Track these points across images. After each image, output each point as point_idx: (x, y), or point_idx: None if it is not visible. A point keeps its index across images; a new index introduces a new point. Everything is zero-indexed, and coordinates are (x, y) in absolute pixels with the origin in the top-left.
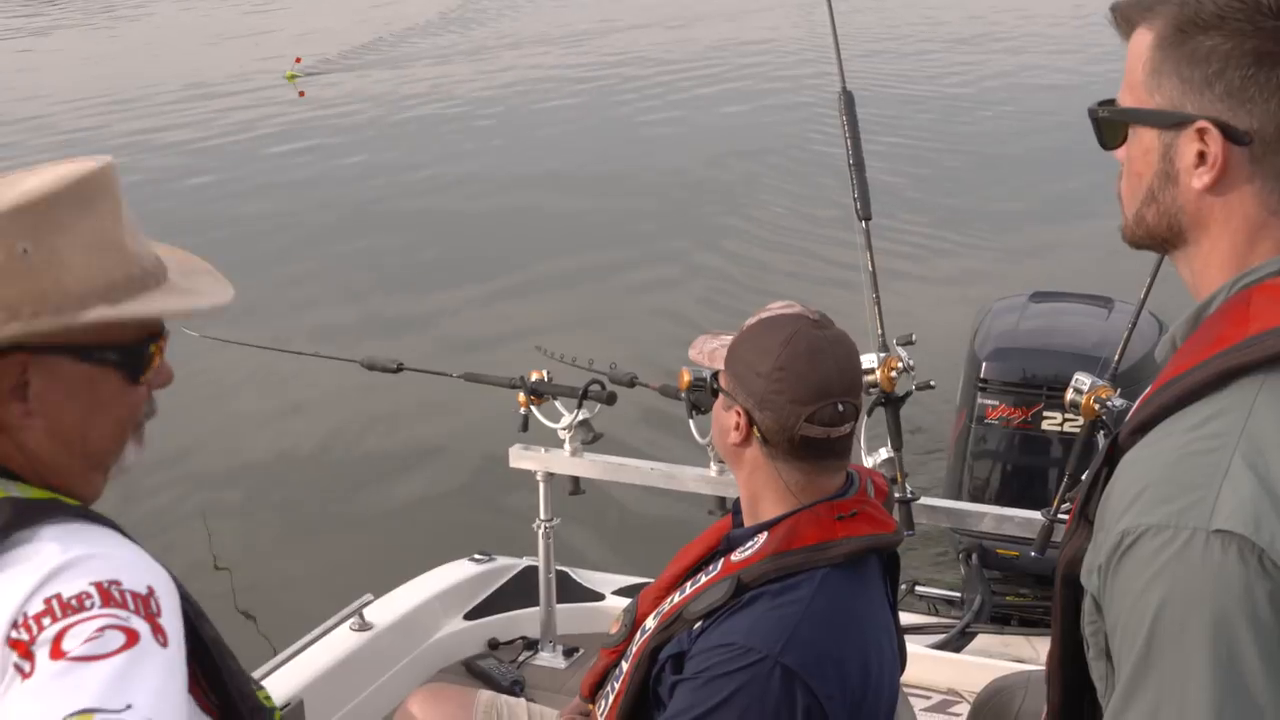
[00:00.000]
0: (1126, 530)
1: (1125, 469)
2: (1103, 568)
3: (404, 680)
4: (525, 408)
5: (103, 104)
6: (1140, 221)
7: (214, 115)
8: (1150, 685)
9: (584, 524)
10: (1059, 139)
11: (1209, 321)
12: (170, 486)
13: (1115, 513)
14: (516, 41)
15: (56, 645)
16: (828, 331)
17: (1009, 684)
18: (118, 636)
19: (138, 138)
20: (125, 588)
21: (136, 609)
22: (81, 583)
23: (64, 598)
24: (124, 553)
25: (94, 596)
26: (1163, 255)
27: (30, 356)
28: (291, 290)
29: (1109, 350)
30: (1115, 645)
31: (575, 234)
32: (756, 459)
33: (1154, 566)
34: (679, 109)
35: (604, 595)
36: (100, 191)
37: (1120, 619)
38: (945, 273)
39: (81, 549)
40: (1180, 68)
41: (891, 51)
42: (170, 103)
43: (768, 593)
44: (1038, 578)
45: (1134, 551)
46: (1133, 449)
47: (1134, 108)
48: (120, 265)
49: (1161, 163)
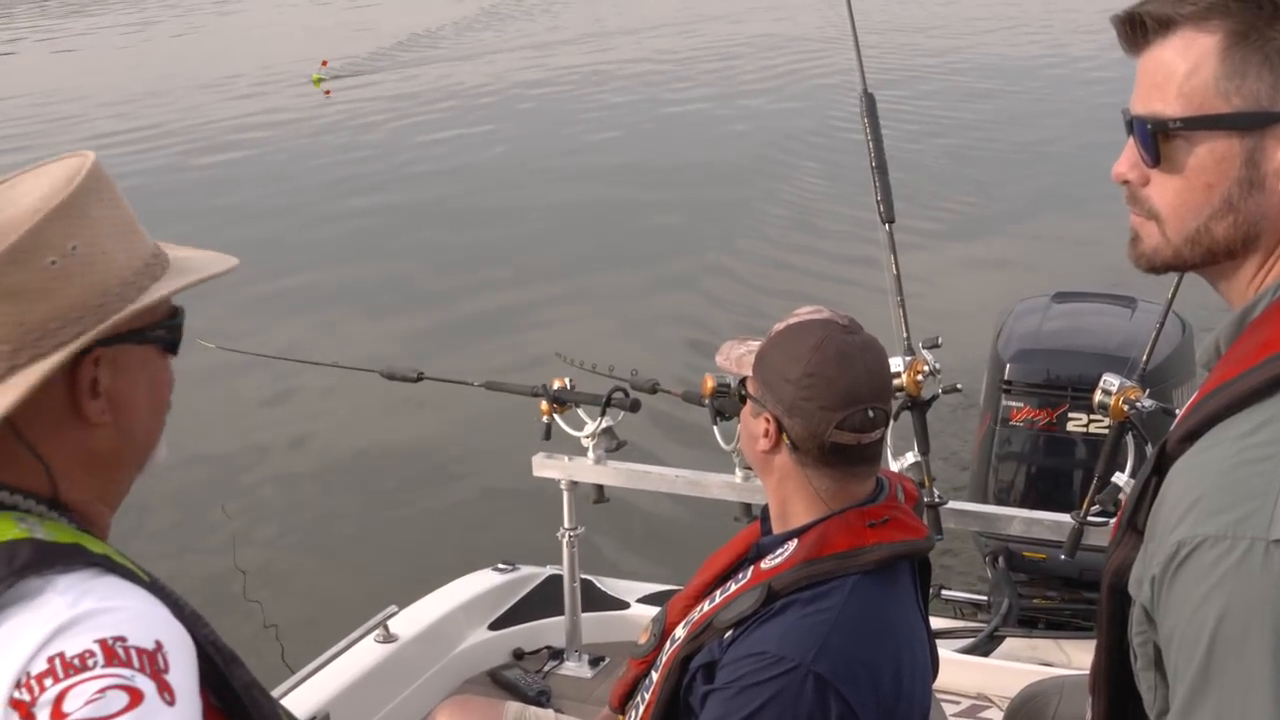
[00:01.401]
0: (1182, 541)
1: (1176, 478)
2: (1156, 579)
3: (430, 692)
4: (548, 416)
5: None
6: (1204, 236)
7: (237, 118)
8: (1211, 699)
9: (607, 532)
10: (1081, 137)
11: (1255, 325)
12: (191, 500)
13: (1168, 523)
14: (537, 43)
15: (57, 707)
16: (857, 336)
17: (1043, 689)
18: (120, 697)
19: (150, 139)
20: (130, 644)
21: (142, 666)
22: (85, 640)
23: (67, 656)
24: (134, 605)
25: (97, 655)
26: (1186, 271)
27: (103, 350)
28: (308, 300)
29: (1133, 350)
30: (1171, 658)
31: (590, 238)
32: (786, 466)
33: (1212, 578)
34: (704, 109)
35: (629, 603)
36: (105, 181)
37: (1177, 631)
38: (966, 274)
39: (91, 603)
40: (1262, 67)
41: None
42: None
43: (799, 600)
44: (1065, 580)
45: (1191, 562)
46: (1183, 457)
47: (1215, 114)
48: (145, 246)
49: (1244, 169)
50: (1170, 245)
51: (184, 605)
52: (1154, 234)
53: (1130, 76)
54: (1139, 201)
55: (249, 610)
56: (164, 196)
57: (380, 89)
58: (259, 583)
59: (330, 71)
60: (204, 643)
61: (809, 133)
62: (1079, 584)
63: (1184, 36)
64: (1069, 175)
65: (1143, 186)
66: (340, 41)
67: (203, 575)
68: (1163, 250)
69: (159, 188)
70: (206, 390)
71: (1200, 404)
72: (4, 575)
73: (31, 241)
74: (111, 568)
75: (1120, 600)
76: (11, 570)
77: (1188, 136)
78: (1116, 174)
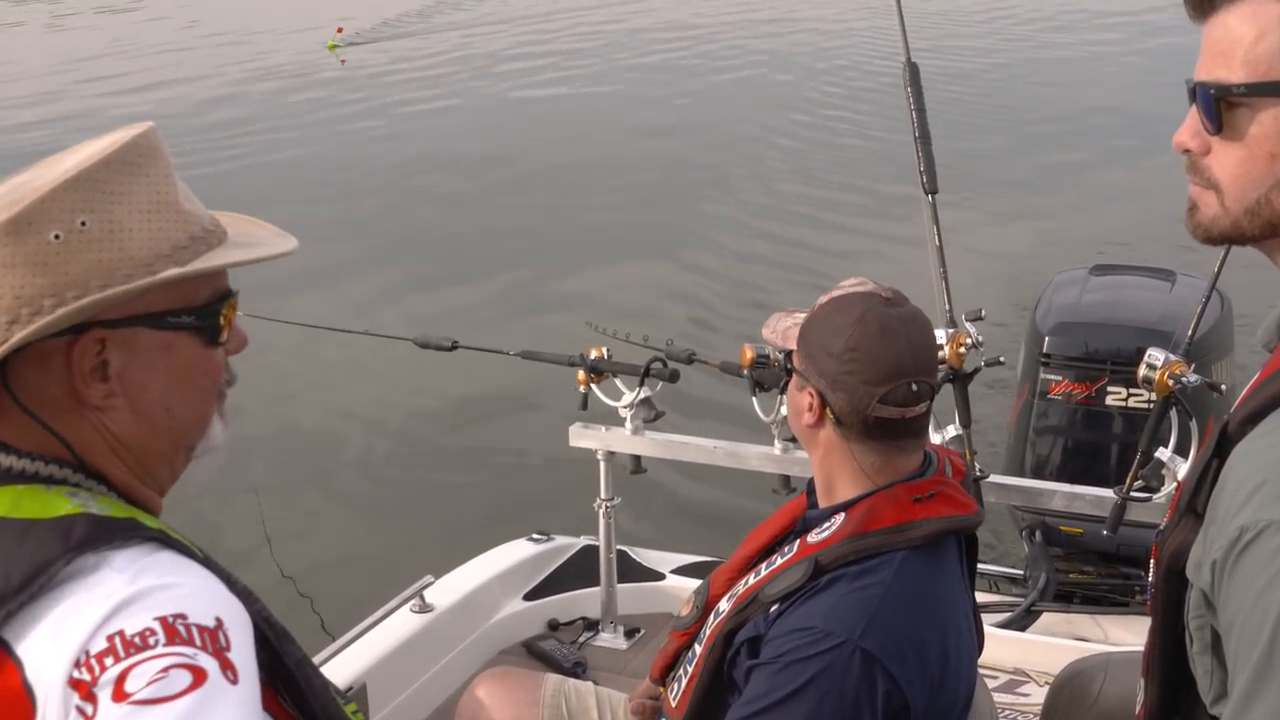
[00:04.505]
0: (1245, 526)
1: (1239, 461)
2: (1218, 563)
3: (465, 662)
4: (585, 386)
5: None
6: (1264, 208)
7: (252, 86)
8: (1275, 686)
9: (641, 503)
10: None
11: None
12: (225, 471)
13: (1231, 507)
14: (561, 9)
15: (119, 687)
16: (901, 309)
17: (1087, 666)
18: (184, 676)
19: (176, 109)
20: (191, 622)
21: (204, 644)
22: (145, 618)
23: (127, 635)
24: (193, 582)
25: (158, 633)
26: (1244, 244)
27: (107, 332)
28: (341, 268)
29: (1173, 324)
30: (1232, 644)
31: (620, 209)
32: (831, 440)
33: (1277, 564)
34: (737, 77)
35: (664, 575)
36: (148, 156)
37: (1239, 617)
38: (1004, 246)
39: (149, 580)
40: None
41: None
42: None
43: (846, 575)
44: (1102, 555)
45: (1254, 548)
46: (1245, 440)
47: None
48: (180, 226)
49: None
50: (1229, 215)
51: (236, 581)
52: (1212, 204)
53: (1183, 46)
54: (1199, 171)
55: (283, 580)
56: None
57: (399, 55)
58: (294, 553)
59: (345, 38)
60: (257, 619)
61: (848, 99)
62: (1116, 559)
63: (1252, 3)
64: (1106, 146)
65: (1203, 156)
66: (356, 6)
67: (234, 546)
68: (1220, 221)
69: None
70: (237, 359)
71: (1263, 385)
72: (61, 551)
73: (35, 214)
74: (167, 543)
75: (1177, 583)
76: (68, 546)
77: (1251, 104)
78: (1177, 143)
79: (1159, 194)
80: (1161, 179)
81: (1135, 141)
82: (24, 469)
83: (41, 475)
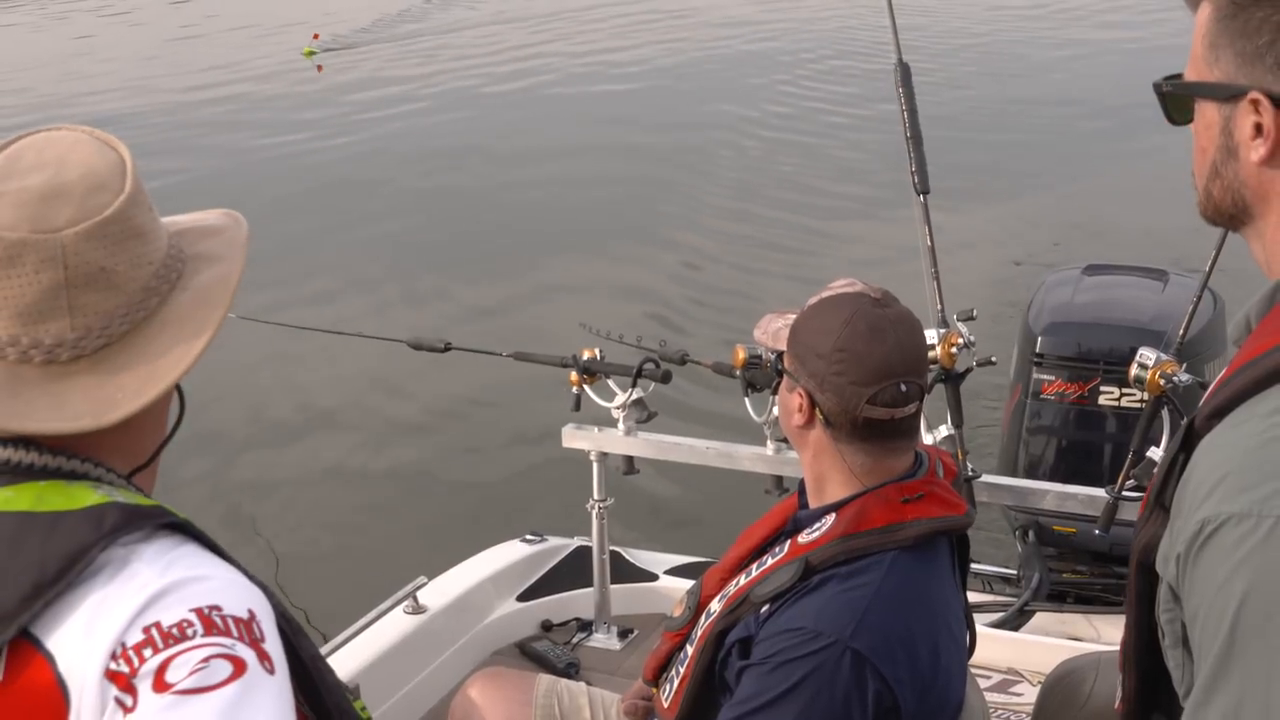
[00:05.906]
0: (1207, 519)
1: (1203, 455)
2: (1181, 556)
3: (459, 663)
4: (577, 387)
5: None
6: (1209, 197)
7: (229, 94)
8: (1233, 680)
9: (634, 504)
10: (1116, 108)
11: None
12: (215, 472)
13: (1194, 500)
14: (548, 13)
15: (160, 678)
16: (889, 310)
17: (1079, 665)
18: (225, 666)
19: (158, 114)
20: (227, 613)
21: (240, 635)
22: (182, 610)
23: (164, 626)
24: (223, 574)
25: (196, 624)
26: (1229, 231)
27: None
28: (333, 271)
29: (1165, 324)
30: (1195, 637)
31: (608, 209)
32: (821, 441)
33: (1236, 556)
34: (731, 77)
35: (657, 575)
36: None
37: (1201, 610)
38: (996, 246)
39: (180, 572)
40: (1235, 40)
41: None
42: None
43: (836, 576)
44: (1095, 555)
45: (1215, 540)
46: (1210, 434)
47: (1195, 81)
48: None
49: (1222, 137)
50: (1199, 201)
51: (252, 576)
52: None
53: (1184, 46)
54: None
55: (277, 582)
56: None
57: (377, 61)
58: (286, 555)
59: (322, 44)
60: (277, 613)
61: (846, 102)
62: (1109, 559)
63: (1202, 6)
64: (1100, 144)
65: None
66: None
67: (227, 548)
68: (1198, 204)
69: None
70: (227, 360)
71: (1229, 380)
72: (96, 538)
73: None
74: (193, 534)
75: (1148, 577)
76: (102, 533)
77: (1189, 100)
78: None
79: (1153, 194)
80: (1155, 179)
81: (1132, 142)
82: (46, 464)
83: (64, 470)
